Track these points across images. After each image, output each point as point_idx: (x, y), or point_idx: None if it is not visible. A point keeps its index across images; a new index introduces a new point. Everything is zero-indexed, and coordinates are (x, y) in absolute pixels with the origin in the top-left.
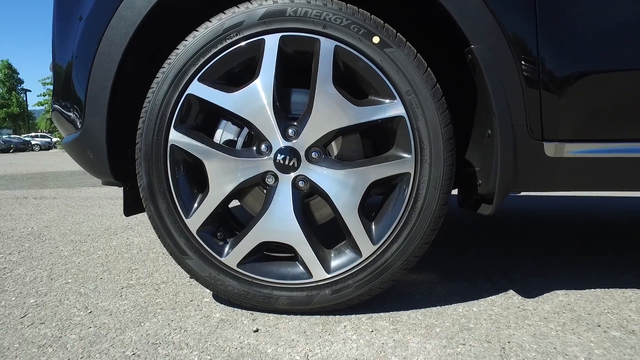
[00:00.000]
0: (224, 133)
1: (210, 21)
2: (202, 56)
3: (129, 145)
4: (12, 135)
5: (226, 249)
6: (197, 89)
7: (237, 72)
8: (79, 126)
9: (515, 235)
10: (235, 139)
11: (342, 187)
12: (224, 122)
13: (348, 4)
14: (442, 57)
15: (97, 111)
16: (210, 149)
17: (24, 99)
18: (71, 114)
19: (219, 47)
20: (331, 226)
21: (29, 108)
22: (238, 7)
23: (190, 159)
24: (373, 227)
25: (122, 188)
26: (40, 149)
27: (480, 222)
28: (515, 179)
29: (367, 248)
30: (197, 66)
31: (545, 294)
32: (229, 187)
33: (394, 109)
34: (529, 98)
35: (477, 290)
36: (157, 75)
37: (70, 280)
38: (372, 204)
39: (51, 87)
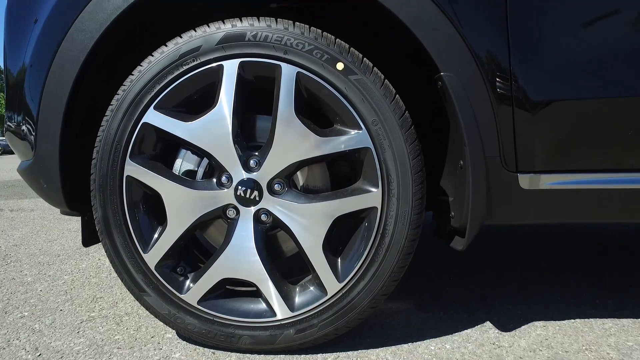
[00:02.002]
0: (183, 163)
1: (166, 45)
2: (157, 83)
3: (86, 173)
4: (0, 138)
5: (186, 285)
6: (153, 117)
7: (195, 98)
8: (32, 153)
9: (499, 255)
10: (196, 169)
11: (306, 222)
12: (183, 151)
13: (311, 27)
14: (414, 80)
15: (49, 138)
16: (168, 181)
17: None
18: (23, 139)
19: (176, 73)
20: (298, 257)
21: None
22: (195, 31)
23: (148, 190)
24: (339, 263)
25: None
26: None
27: None
28: (489, 212)
29: (332, 286)
30: (152, 93)
31: (522, 326)
32: (188, 221)
33: (360, 140)
34: (503, 128)
35: (452, 322)
36: (111, 103)
37: (26, 314)
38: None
39: None
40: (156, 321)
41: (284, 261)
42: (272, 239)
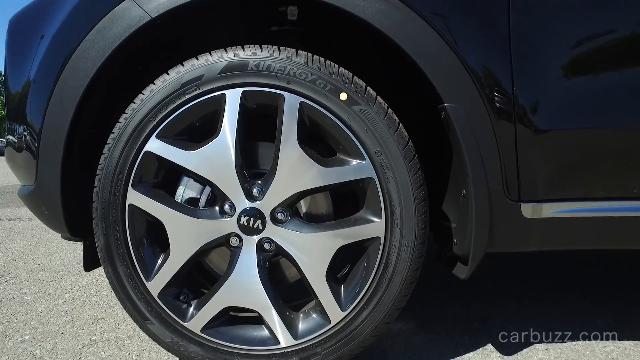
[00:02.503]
0: (185, 190)
1: (168, 74)
2: (160, 112)
3: (88, 198)
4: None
5: (190, 313)
6: (156, 146)
7: (197, 126)
8: (33, 179)
9: (498, 273)
10: (198, 196)
11: (309, 251)
12: (185, 178)
13: (315, 56)
14: (416, 103)
15: (51, 166)
16: (171, 210)
17: None
18: (24, 165)
19: (178, 102)
20: (301, 282)
21: None
22: (197, 60)
23: (150, 218)
24: (342, 291)
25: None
26: None
27: None
28: (491, 240)
29: (335, 314)
30: (155, 122)
31: (524, 350)
32: (191, 250)
33: (363, 170)
34: (506, 158)
35: (454, 344)
36: (112, 130)
37: (27, 338)
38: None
39: None
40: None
41: (287, 287)
42: (274, 265)
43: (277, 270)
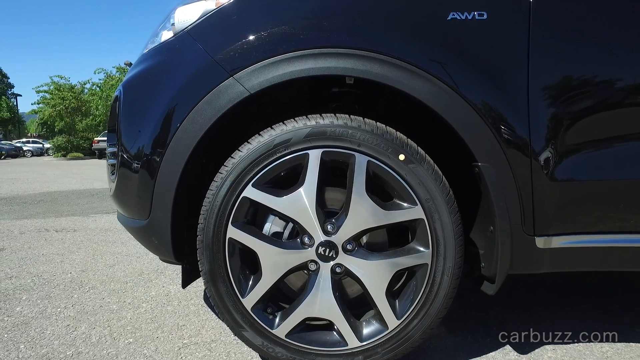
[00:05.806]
0: (272, 226)
1: (261, 135)
2: (256, 166)
3: (185, 227)
4: (3, 141)
5: (276, 322)
6: (251, 192)
7: (282, 175)
8: (146, 216)
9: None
10: (282, 231)
11: (372, 274)
12: (271, 216)
13: (378, 123)
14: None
15: (163, 207)
16: (263, 243)
17: (15, 103)
18: (137, 204)
19: (270, 159)
20: (362, 296)
21: (24, 115)
22: (285, 125)
23: (245, 248)
24: (397, 304)
25: None
26: (32, 155)
27: None
28: (512, 265)
29: (392, 322)
30: (251, 174)
31: (536, 349)
32: (279, 274)
33: (416, 213)
34: (525, 204)
35: (479, 345)
36: (214, 179)
37: (131, 340)
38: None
39: (45, 94)
40: (241, 346)
41: (350, 299)
42: (340, 283)
43: (342, 287)
